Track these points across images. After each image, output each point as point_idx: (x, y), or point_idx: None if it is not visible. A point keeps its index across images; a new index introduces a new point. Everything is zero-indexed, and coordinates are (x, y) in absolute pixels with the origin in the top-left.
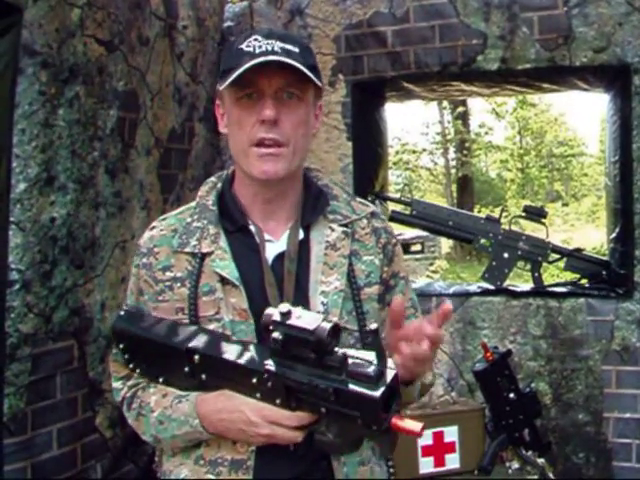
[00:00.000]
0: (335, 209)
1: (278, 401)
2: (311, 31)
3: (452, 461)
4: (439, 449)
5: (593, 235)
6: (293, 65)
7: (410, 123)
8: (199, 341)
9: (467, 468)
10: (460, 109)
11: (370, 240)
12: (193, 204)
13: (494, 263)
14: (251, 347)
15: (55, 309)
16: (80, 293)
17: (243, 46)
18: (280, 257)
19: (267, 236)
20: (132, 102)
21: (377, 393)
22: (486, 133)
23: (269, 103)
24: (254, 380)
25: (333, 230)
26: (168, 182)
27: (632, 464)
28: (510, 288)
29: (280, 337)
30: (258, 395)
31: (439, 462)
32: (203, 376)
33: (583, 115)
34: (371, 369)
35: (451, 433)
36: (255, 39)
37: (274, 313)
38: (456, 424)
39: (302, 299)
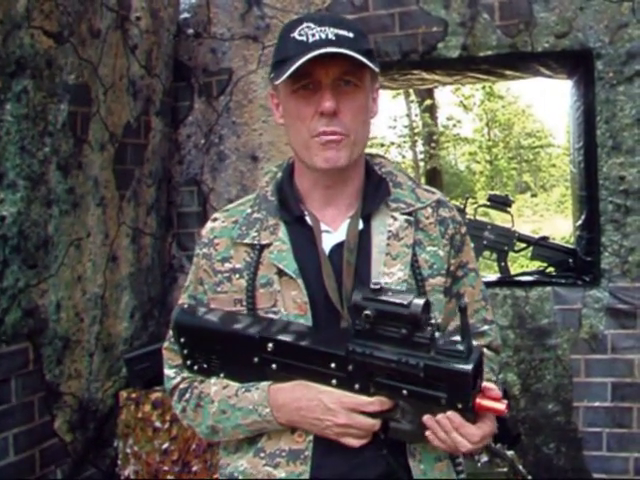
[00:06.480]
0: (398, 197)
1: (357, 386)
2: (269, 21)
3: None
4: None
5: (562, 225)
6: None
7: (378, 117)
8: (272, 329)
9: None
10: (428, 102)
11: (435, 230)
12: (254, 195)
13: None
14: (324, 333)
15: (7, 311)
16: (34, 294)
17: (296, 35)
18: (338, 248)
19: (324, 226)
20: (84, 96)
21: (469, 367)
22: (454, 126)
23: (328, 94)
24: (332, 365)
25: (396, 219)
26: (124, 178)
27: (602, 453)
28: None
29: (372, 313)
30: (334, 382)
31: None
32: (274, 366)
33: (550, 107)
34: (461, 345)
35: None
36: (307, 26)
37: (364, 290)
38: None
39: None
